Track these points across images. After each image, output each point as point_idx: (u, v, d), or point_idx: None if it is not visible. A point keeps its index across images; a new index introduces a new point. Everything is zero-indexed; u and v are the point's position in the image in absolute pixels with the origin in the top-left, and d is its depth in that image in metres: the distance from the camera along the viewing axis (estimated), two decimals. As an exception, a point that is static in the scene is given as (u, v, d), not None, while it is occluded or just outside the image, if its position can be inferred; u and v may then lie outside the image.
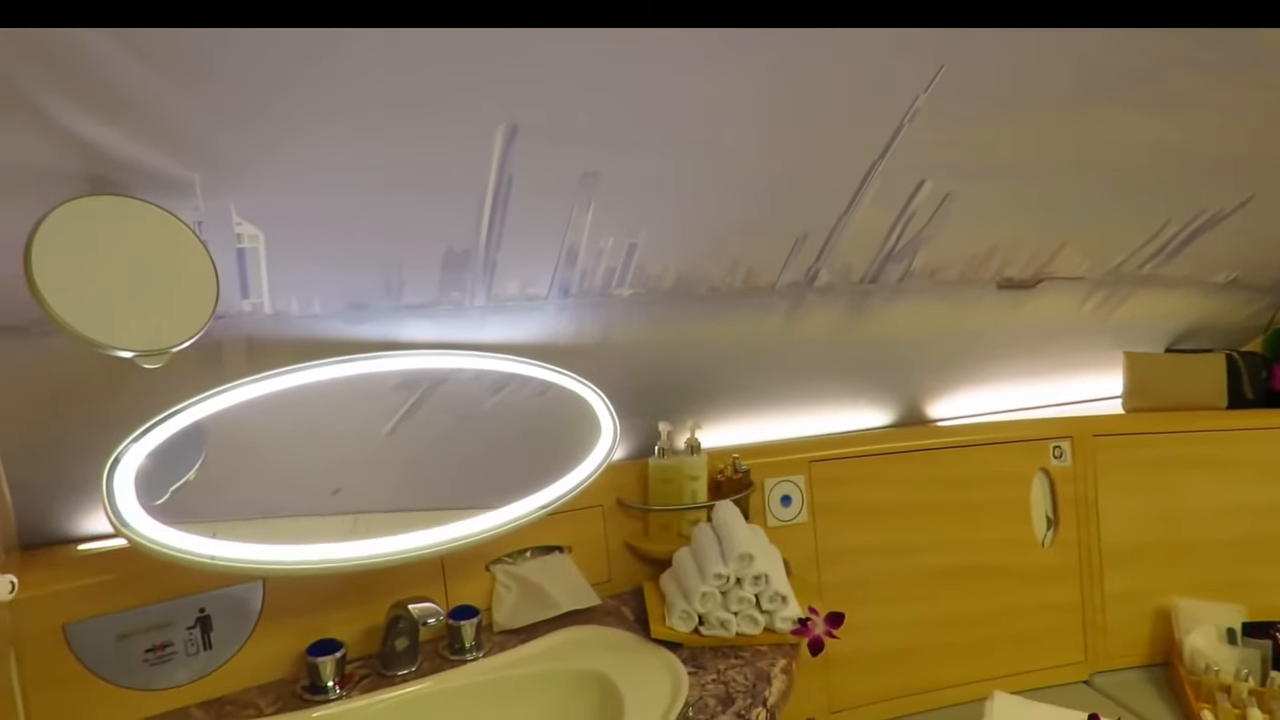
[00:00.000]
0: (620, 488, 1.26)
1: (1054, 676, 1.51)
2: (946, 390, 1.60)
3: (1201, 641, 1.47)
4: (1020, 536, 1.51)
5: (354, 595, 1.07)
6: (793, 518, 1.35)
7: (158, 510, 0.86)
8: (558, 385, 1.13)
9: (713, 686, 0.98)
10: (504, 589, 1.14)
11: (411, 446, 1.07)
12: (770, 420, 1.45)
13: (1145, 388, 1.65)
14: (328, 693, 0.98)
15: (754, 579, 1.05)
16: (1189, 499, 1.58)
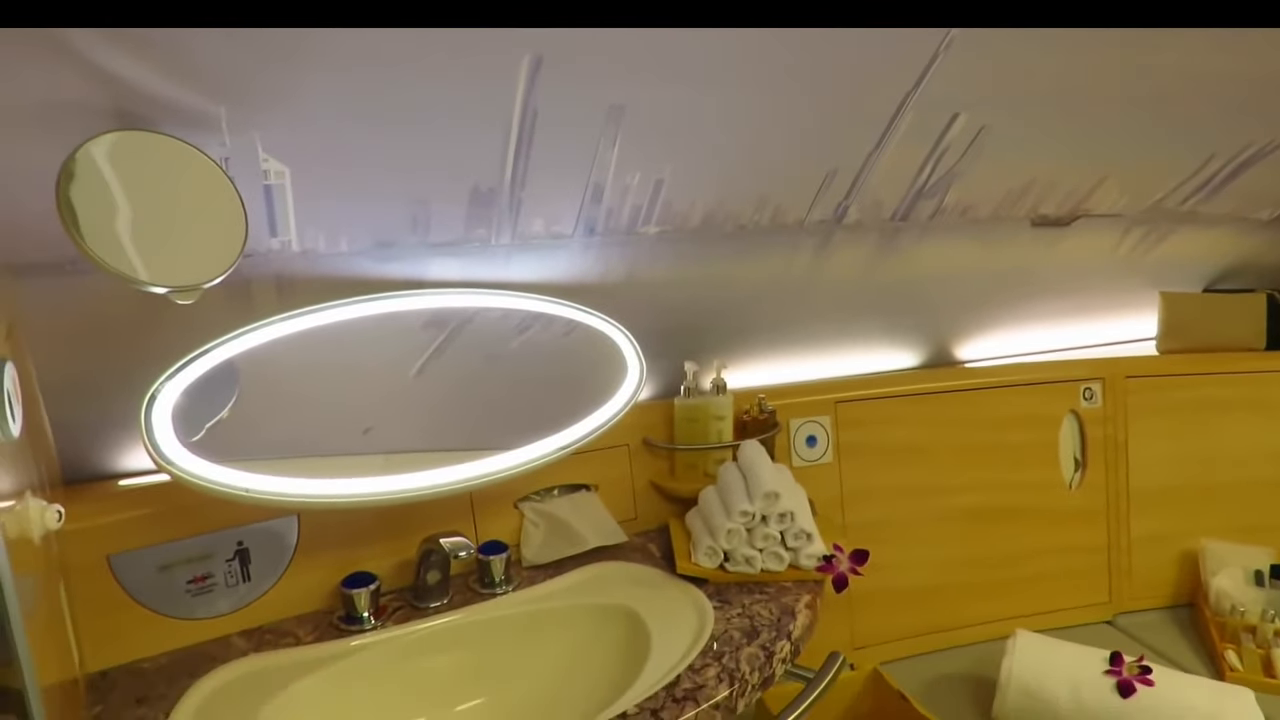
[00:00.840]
0: (646, 427, 1.26)
1: (1077, 617, 1.52)
2: (976, 331, 1.58)
3: (1228, 583, 1.47)
4: (1047, 478, 1.50)
5: (386, 530, 1.09)
6: (818, 458, 1.36)
7: (194, 446, 0.88)
8: (583, 324, 1.13)
9: (738, 620, 1.00)
10: (532, 526, 1.16)
11: (439, 386, 1.08)
12: (796, 361, 1.44)
13: (1180, 329, 1.62)
14: (363, 623, 1.01)
15: (779, 516, 1.06)
16: (1222, 441, 1.56)
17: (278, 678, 0.92)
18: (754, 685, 0.90)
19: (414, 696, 0.97)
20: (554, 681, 1.00)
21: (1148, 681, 1.15)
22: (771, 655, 0.93)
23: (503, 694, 1.00)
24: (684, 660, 0.92)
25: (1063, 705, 1.18)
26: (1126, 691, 1.14)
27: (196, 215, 0.77)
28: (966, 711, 1.28)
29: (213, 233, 0.77)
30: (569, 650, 1.03)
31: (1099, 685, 1.17)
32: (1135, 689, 1.14)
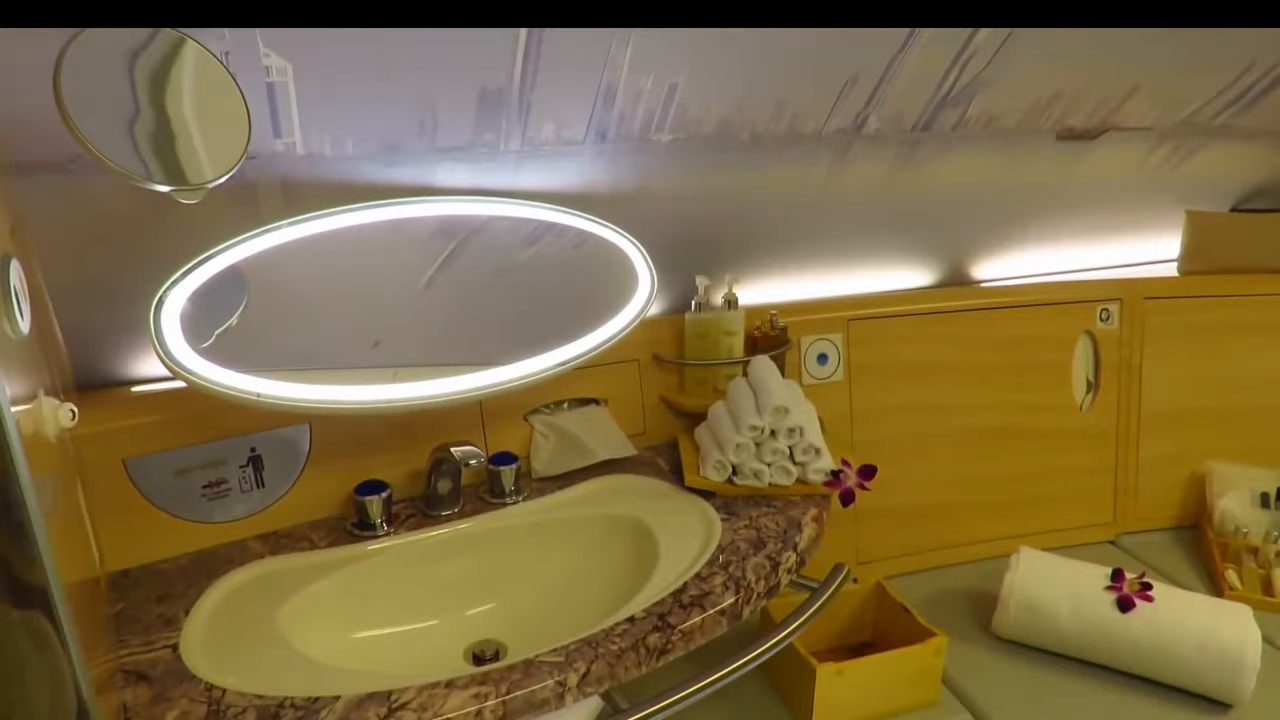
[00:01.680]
0: (656, 342, 1.25)
1: (1080, 536, 1.54)
2: (993, 250, 1.55)
3: (1233, 504, 1.48)
4: (1059, 400, 1.50)
5: (397, 440, 1.10)
6: (828, 376, 1.35)
7: (204, 352, 0.88)
8: (594, 236, 1.11)
9: (745, 532, 1.01)
10: (542, 438, 1.17)
11: (448, 299, 1.07)
12: (810, 278, 1.42)
13: (1204, 249, 1.59)
14: (376, 529, 1.03)
15: (788, 431, 1.06)
16: (1238, 365, 1.54)
17: (294, 580, 0.95)
18: (759, 594, 0.92)
19: (427, 600, 1.00)
20: (563, 588, 1.03)
21: (1148, 597, 1.17)
22: (778, 565, 0.95)
23: (513, 599, 1.02)
24: (691, 569, 0.93)
25: (1063, 619, 1.20)
26: (1126, 606, 1.16)
27: (199, 112, 0.74)
28: (968, 625, 1.31)
29: (216, 131, 0.75)
30: (578, 559, 1.05)
31: (1100, 600, 1.18)
32: (1135, 604, 1.16)
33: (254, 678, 0.78)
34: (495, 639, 0.98)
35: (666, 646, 0.83)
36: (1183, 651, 1.13)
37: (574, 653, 0.80)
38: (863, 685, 1.09)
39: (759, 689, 1.17)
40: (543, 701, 0.77)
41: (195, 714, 0.73)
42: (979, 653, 1.25)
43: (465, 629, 0.99)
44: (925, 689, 1.14)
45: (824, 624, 1.25)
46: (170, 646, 0.83)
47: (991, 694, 1.16)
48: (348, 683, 0.77)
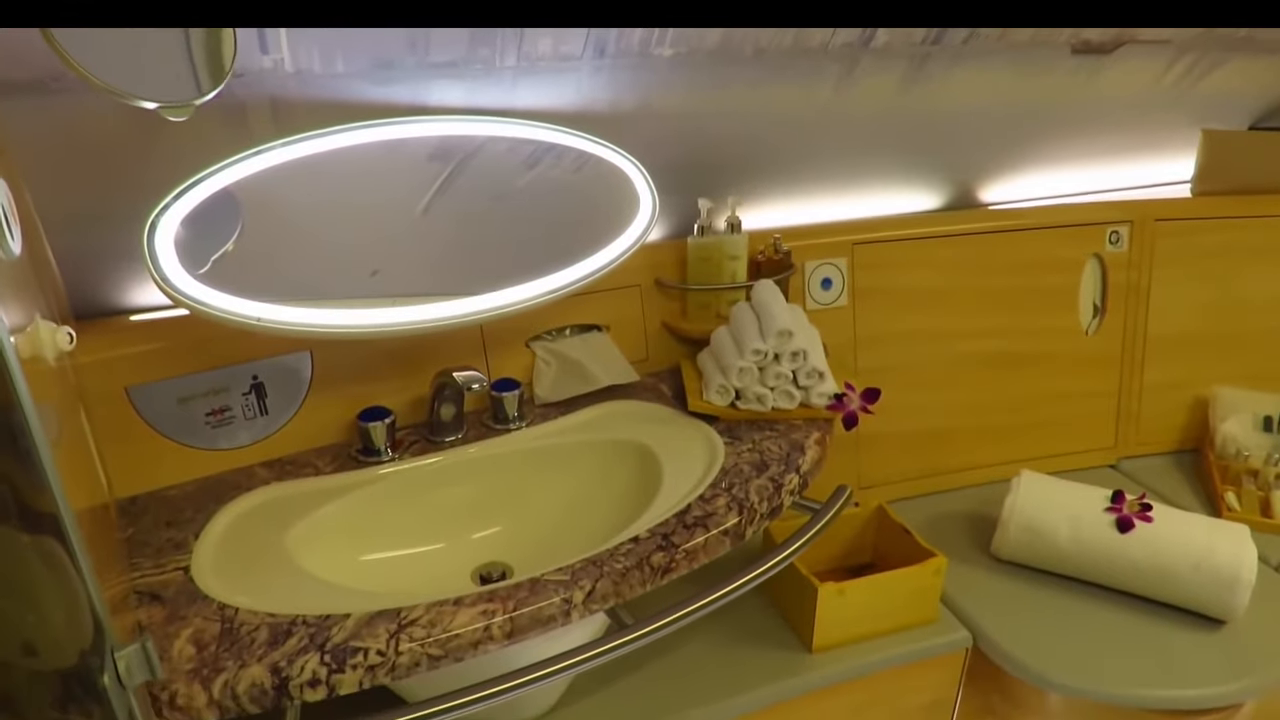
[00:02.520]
0: (658, 267, 1.24)
1: (1081, 461, 1.55)
2: (1003, 172, 1.52)
3: (1236, 428, 1.48)
4: (1064, 324, 1.48)
5: (399, 367, 1.10)
6: (832, 301, 1.34)
7: (202, 278, 0.87)
8: (595, 158, 1.09)
9: (748, 455, 1.01)
10: (544, 364, 1.16)
11: (447, 225, 1.05)
12: (814, 201, 1.39)
13: (1219, 169, 1.55)
14: (380, 455, 1.03)
15: (792, 355, 1.06)
16: (1248, 288, 1.53)
17: (302, 503, 0.96)
18: (762, 514, 0.93)
19: (433, 524, 1.01)
20: (568, 512, 1.04)
21: (1147, 518, 1.18)
22: (780, 487, 0.95)
23: (518, 523, 1.03)
24: (695, 491, 0.94)
25: (1062, 540, 1.21)
26: (1125, 527, 1.17)
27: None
28: (967, 547, 1.33)
29: (201, 44, 0.73)
30: (582, 483, 1.05)
31: (1099, 521, 1.20)
32: (1134, 525, 1.17)
33: (265, 597, 0.79)
34: (501, 561, 1.00)
35: (670, 565, 0.85)
36: (1179, 570, 1.14)
37: (579, 571, 0.81)
38: (863, 604, 1.11)
39: (761, 609, 1.19)
40: (549, 618, 0.78)
41: (210, 631, 0.74)
42: (978, 573, 1.27)
43: (471, 552, 1.01)
44: (924, 608, 1.16)
45: (825, 546, 1.27)
46: (182, 569, 0.84)
47: (989, 612, 1.19)
48: (357, 601, 0.78)
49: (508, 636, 0.76)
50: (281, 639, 0.73)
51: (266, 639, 0.73)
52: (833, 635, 1.12)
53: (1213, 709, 1.09)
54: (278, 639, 0.73)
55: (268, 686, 0.70)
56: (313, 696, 0.71)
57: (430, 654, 0.74)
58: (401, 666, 0.73)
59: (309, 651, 0.71)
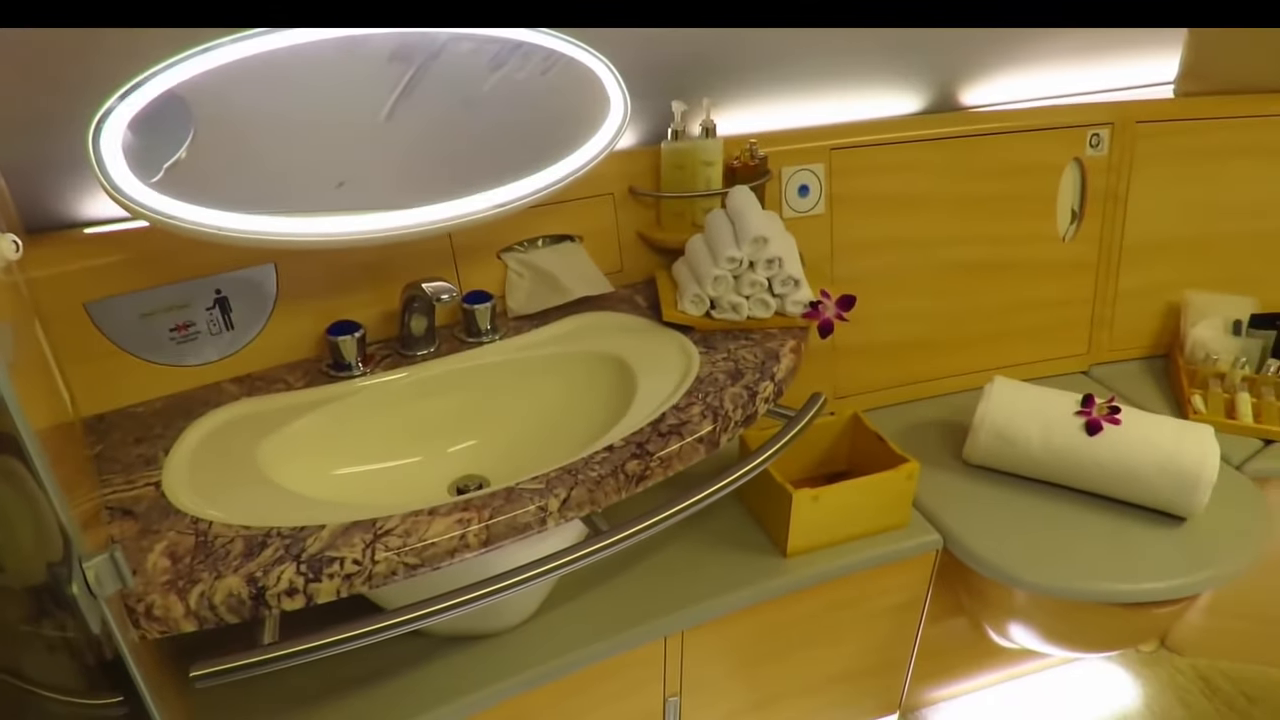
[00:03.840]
0: (632, 175, 1.21)
1: (1055, 367, 1.57)
2: (985, 73, 1.47)
3: (1206, 333, 1.50)
4: (1042, 230, 1.48)
5: (368, 280, 1.07)
6: (810, 209, 1.32)
7: (155, 187, 0.83)
8: (563, 59, 1.04)
9: (723, 364, 1.01)
10: (516, 276, 1.14)
11: (412, 133, 1.01)
12: (791, 104, 1.34)
13: (1204, 68, 1.51)
14: (351, 369, 1.02)
15: (767, 263, 1.04)
16: (1227, 191, 1.52)
17: (273, 419, 0.95)
18: (737, 421, 0.93)
19: (408, 438, 1.00)
20: (543, 423, 1.03)
21: (1115, 421, 1.20)
22: (755, 395, 0.95)
23: (493, 435, 1.03)
24: (669, 400, 0.94)
25: (1033, 444, 1.23)
26: (1094, 430, 1.19)
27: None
28: (940, 453, 1.35)
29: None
30: (557, 394, 1.05)
31: (1068, 425, 1.22)
32: (1102, 427, 1.19)
33: (239, 511, 0.79)
34: (478, 474, 1.00)
35: (645, 473, 0.85)
36: (1145, 471, 1.17)
37: (554, 480, 0.82)
38: (837, 510, 1.13)
39: (738, 516, 1.21)
40: (525, 525, 0.79)
41: (184, 544, 0.74)
42: (950, 478, 1.29)
43: (448, 465, 1.01)
44: (897, 512, 1.19)
45: (801, 455, 1.29)
46: (153, 484, 0.83)
47: (959, 515, 1.21)
48: (332, 513, 0.78)
49: (484, 544, 0.77)
50: (257, 550, 0.73)
51: (242, 550, 0.73)
52: (807, 540, 1.14)
53: (1170, 600, 1.13)
54: (253, 550, 0.73)
55: (245, 597, 0.70)
56: (290, 605, 0.72)
57: (407, 562, 0.74)
58: (378, 575, 0.74)
59: (285, 562, 0.72)
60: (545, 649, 1.00)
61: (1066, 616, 1.20)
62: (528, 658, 0.99)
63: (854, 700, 1.35)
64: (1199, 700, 1.51)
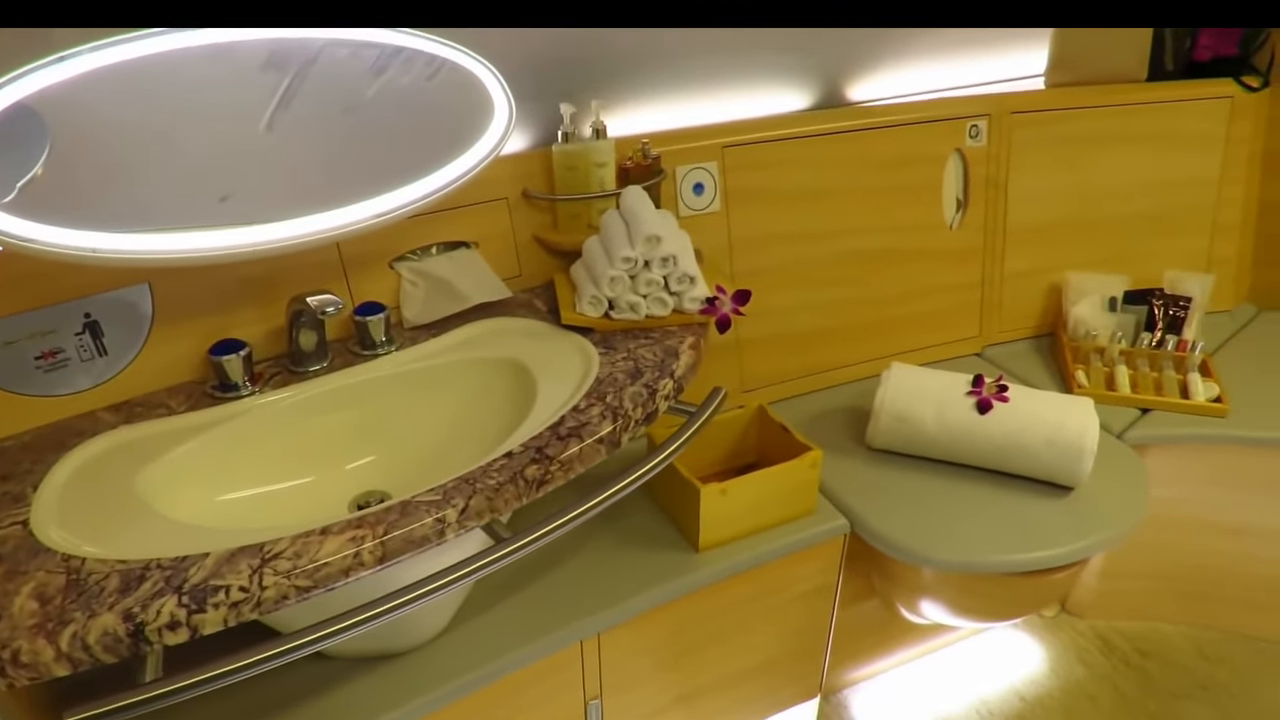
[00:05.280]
0: (525, 178, 1.20)
1: (950, 350, 1.63)
2: (869, 69, 1.52)
3: (1086, 311, 1.58)
4: (930, 219, 1.53)
5: (253, 296, 1.03)
6: (706, 206, 1.33)
7: (8, 207, 0.78)
8: (448, 64, 1.02)
9: (623, 364, 1.01)
10: (411, 285, 1.12)
11: (294, 144, 0.98)
12: (683, 103, 1.36)
13: (1069, 60, 1.60)
14: (238, 389, 0.98)
15: (662, 261, 1.05)
16: (1097, 175, 1.61)
17: (153, 446, 0.90)
18: (637, 420, 0.93)
19: (301, 458, 0.97)
20: (443, 435, 1.02)
21: (1004, 399, 1.25)
22: (655, 392, 0.96)
23: (393, 450, 1.01)
24: (569, 402, 0.93)
25: (929, 425, 1.28)
26: (985, 409, 1.25)
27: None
28: (845, 439, 1.38)
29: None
30: (456, 404, 1.03)
31: (961, 405, 1.26)
32: (992, 405, 1.24)
33: (116, 544, 0.75)
34: (379, 490, 0.98)
35: (545, 477, 0.84)
36: (1033, 444, 1.23)
37: (451, 490, 0.80)
38: (745, 502, 1.15)
39: (652, 514, 1.22)
40: (422, 538, 0.77)
41: (54, 584, 0.70)
42: (854, 464, 1.33)
43: (346, 483, 0.98)
44: (804, 500, 1.21)
45: (711, 449, 1.30)
46: (20, 523, 0.78)
47: (865, 499, 1.25)
48: (218, 540, 0.75)
49: (380, 561, 0.75)
50: (134, 585, 0.69)
51: (118, 586, 0.69)
52: (718, 533, 1.15)
53: (1064, 566, 1.18)
54: (130, 585, 0.69)
55: (121, 634, 0.66)
56: (174, 639, 0.68)
57: (298, 585, 0.72)
58: (268, 601, 0.71)
59: (165, 594, 0.68)
60: (459, 663, 0.99)
61: (972, 589, 1.24)
62: (441, 673, 0.97)
63: (775, 688, 1.37)
64: (1098, 659, 1.59)
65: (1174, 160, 1.63)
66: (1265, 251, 1.74)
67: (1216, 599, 1.59)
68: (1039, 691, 1.53)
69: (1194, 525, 1.52)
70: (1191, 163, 1.65)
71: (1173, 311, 1.53)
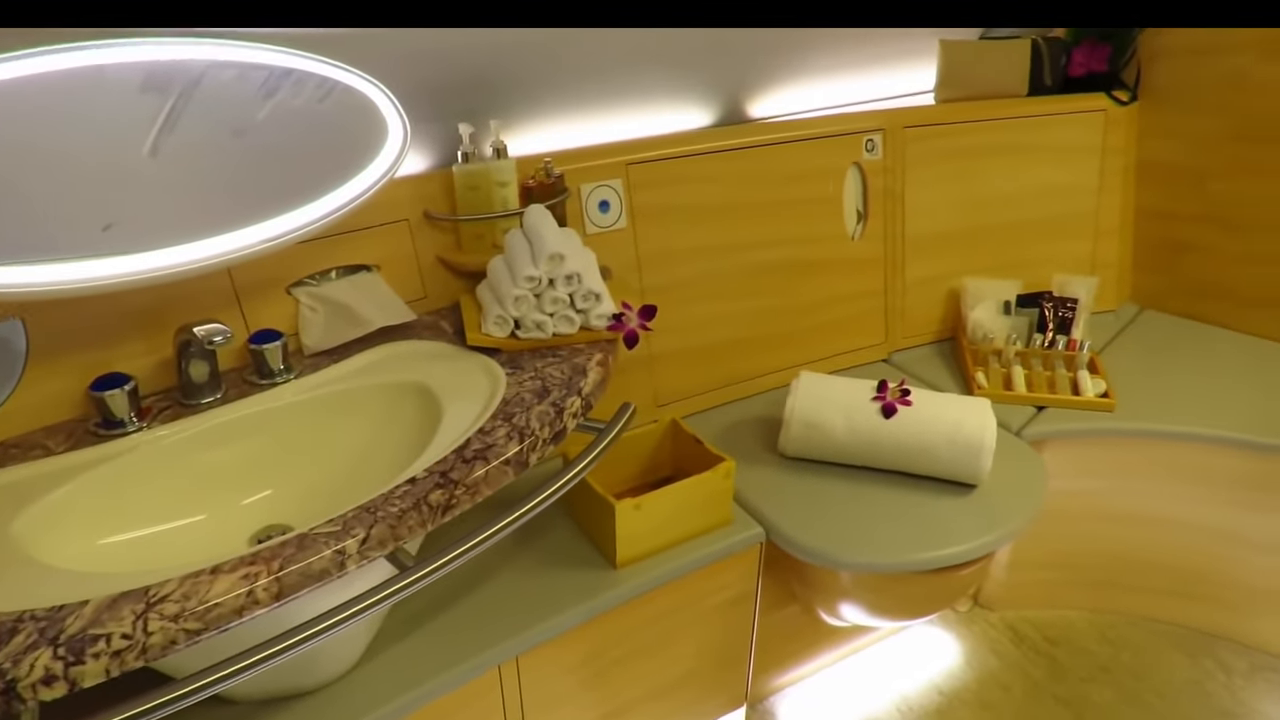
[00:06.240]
0: (427, 199, 1.18)
1: (858, 358, 1.67)
2: (769, 86, 1.56)
3: (983, 314, 1.65)
4: (833, 230, 1.58)
5: (138, 328, 0.99)
6: (612, 224, 1.34)
7: None
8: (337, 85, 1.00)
9: (530, 383, 1.00)
10: (309, 311, 1.09)
11: (182, 168, 0.94)
12: (586, 122, 1.37)
13: (955, 77, 1.68)
14: (125, 426, 0.93)
15: (566, 279, 1.05)
16: (986, 185, 1.69)
17: (29, 489, 0.85)
18: (545, 440, 0.93)
19: (193, 495, 0.93)
20: (347, 463, 0.99)
21: (907, 402, 1.29)
22: (562, 411, 0.95)
23: (294, 482, 0.98)
24: (475, 424, 0.92)
25: (838, 431, 1.31)
26: (889, 413, 1.28)
27: None
28: (758, 448, 1.40)
29: None
30: (358, 431, 1.01)
31: (868, 410, 1.30)
32: (896, 409, 1.28)
33: (-16, 597, 0.70)
34: (280, 524, 0.94)
35: (450, 502, 0.83)
36: (936, 445, 1.27)
37: (352, 520, 0.78)
38: (661, 515, 1.15)
39: (570, 533, 1.21)
40: (322, 572, 0.74)
41: (-89, 646, 0.65)
42: (768, 472, 1.35)
43: (243, 519, 0.94)
44: (719, 511, 1.22)
45: (626, 465, 1.30)
46: (-127, 582, 0.72)
47: (780, 506, 1.27)
48: (98, 586, 0.71)
49: (276, 598, 0.72)
50: (5, 639, 0.65)
51: (-14, 642, 0.65)
52: (636, 549, 1.15)
53: (971, 560, 1.22)
54: (0, 640, 0.65)
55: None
56: (50, 694, 0.64)
57: (187, 629, 0.68)
58: (154, 647, 0.67)
59: (39, 647, 0.64)
60: (373, 697, 0.96)
61: (887, 589, 1.27)
62: (354, 709, 0.94)
63: (701, 699, 1.37)
64: (1009, 649, 1.64)
65: (1056, 170, 1.73)
66: (1143, 255, 1.85)
67: (1115, 585, 1.67)
68: (956, 685, 1.57)
69: (1090, 515, 1.59)
70: (1072, 172, 1.74)
71: (1062, 313, 1.61)
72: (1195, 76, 1.68)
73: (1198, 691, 1.54)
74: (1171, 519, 1.56)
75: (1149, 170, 1.79)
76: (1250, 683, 1.55)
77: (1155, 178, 1.79)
